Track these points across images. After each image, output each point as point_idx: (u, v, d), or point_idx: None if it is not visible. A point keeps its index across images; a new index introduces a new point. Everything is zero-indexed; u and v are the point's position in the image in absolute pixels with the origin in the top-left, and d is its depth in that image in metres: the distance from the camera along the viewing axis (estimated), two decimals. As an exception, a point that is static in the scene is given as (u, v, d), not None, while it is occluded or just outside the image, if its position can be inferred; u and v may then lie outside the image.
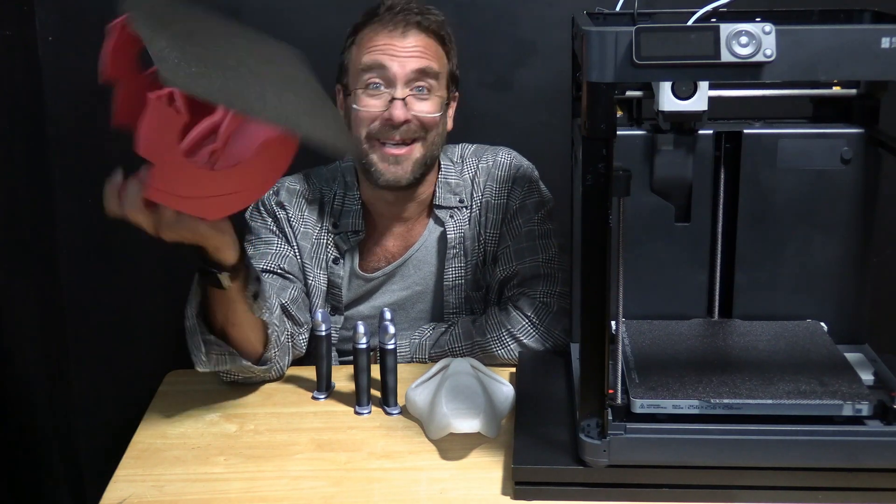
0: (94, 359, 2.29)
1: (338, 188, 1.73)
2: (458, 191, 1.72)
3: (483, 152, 1.75)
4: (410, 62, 1.58)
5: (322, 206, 1.72)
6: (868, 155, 1.37)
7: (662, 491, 1.18)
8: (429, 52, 1.61)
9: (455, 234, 1.70)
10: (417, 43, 1.60)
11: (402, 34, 1.59)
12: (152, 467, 1.31)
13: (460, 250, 1.71)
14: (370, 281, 1.72)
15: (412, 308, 1.74)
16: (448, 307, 1.72)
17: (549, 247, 1.67)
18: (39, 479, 2.11)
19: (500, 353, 1.57)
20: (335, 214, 1.71)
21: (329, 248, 1.71)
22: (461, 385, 1.36)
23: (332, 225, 1.71)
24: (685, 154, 1.39)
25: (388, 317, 1.44)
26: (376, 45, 1.59)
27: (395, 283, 1.74)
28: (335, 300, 1.72)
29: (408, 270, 1.73)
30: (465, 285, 1.71)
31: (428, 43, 1.61)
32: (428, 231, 1.73)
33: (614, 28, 1.04)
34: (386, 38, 1.59)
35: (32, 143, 2.11)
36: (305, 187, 1.73)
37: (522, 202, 1.70)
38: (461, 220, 1.71)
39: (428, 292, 1.74)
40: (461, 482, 1.25)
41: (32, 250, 2.11)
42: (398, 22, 1.59)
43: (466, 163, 1.74)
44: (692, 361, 1.29)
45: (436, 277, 1.73)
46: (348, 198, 1.72)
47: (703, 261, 1.43)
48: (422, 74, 1.59)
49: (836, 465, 1.16)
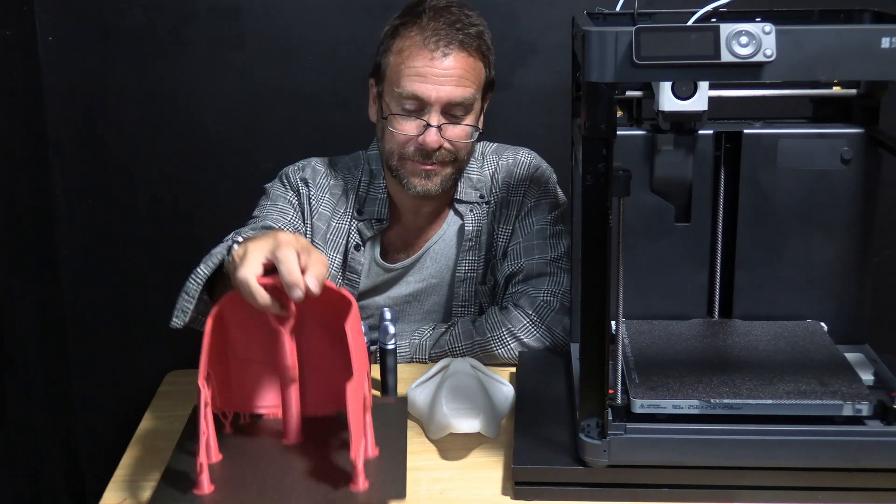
0: (94, 359, 2.29)
1: (363, 176, 1.73)
2: (478, 186, 1.73)
3: (504, 150, 1.77)
4: (447, 90, 1.57)
5: (346, 190, 1.73)
6: (868, 155, 1.37)
7: (662, 491, 1.18)
8: (467, 77, 1.59)
9: (473, 226, 1.72)
10: (457, 65, 1.57)
11: (443, 55, 1.56)
12: (152, 467, 1.31)
13: (476, 243, 1.72)
14: (389, 272, 1.73)
15: (427, 300, 1.75)
16: (458, 299, 1.73)
17: (558, 246, 1.67)
18: (39, 479, 2.11)
19: (500, 352, 1.57)
20: (360, 201, 1.72)
21: (352, 234, 1.71)
22: (461, 385, 1.36)
23: (357, 211, 1.71)
24: (685, 154, 1.39)
25: (388, 317, 1.44)
26: (415, 67, 1.57)
27: (413, 274, 1.75)
28: (351, 287, 1.73)
29: (425, 262, 1.74)
30: (476, 278, 1.73)
31: (467, 64, 1.59)
32: (447, 224, 1.74)
33: (614, 28, 1.04)
34: (426, 60, 1.56)
35: (32, 143, 2.11)
36: (330, 170, 1.75)
37: (538, 201, 1.71)
38: (480, 214, 1.72)
39: (443, 285, 1.75)
40: (461, 482, 1.25)
41: (32, 250, 2.11)
42: (440, 39, 1.56)
43: (487, 160, 1.75)
44: (692, 361, 1.29)
45: (451, 270, 1.74)
46: (374, 186, 1.72)
47: (703, 261, 1.43)
48: (457, 104, 1.59)
49: (836, 465, 1.16)
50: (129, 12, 2.10)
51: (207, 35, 2.12)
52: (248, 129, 2.18)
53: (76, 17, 2.10)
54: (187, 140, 2.18)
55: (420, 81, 1.57)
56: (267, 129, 2.17)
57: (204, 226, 2.21)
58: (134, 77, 2.14)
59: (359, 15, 2.11)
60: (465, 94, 1.59)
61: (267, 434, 1.26)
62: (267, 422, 1.29)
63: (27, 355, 2.06)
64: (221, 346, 1.22)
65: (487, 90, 1.68)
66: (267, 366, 1.27)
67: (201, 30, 2.11)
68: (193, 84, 2.14)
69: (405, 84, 1.58)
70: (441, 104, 1.58)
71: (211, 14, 2.10)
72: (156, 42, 2.12)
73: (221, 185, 2.20)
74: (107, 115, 2.17)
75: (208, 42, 2.12)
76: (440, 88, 1.57)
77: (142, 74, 2.13)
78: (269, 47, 2.12)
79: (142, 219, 2.23)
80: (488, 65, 1.65)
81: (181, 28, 2.11)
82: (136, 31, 2.11)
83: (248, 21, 2.12)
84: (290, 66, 2.13)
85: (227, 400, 1.27)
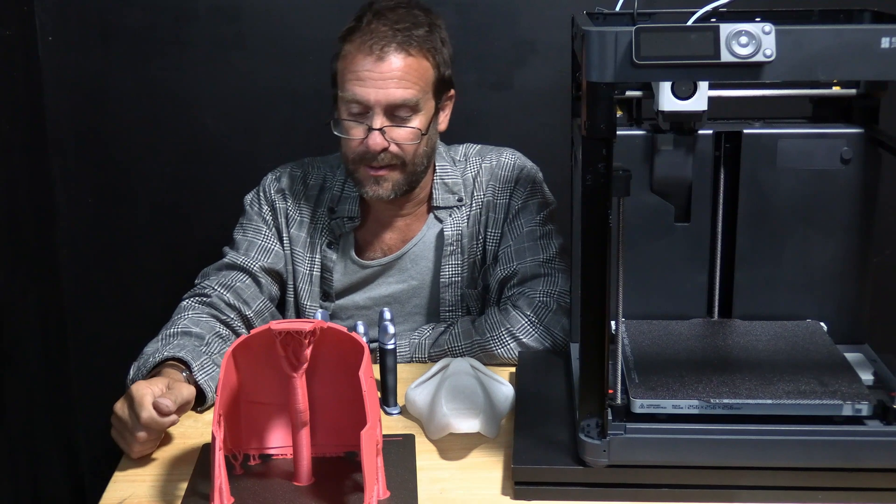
0: (94, 358, 2.29)
1: (340, 174, 1.75)
2: (455, 189, 1.72)
3: (487, 152, 1.76)
4: (387, 92, 1.56)
5: (322, 190, 1.75)
6: (868, 155, 1.37)
7: (662, 491, 1.18)
8: (409, 77, 1.57)
9: (452, 231, 1.71)
10: (397, 67, 1.56)
11: (379, 58, 1.56)
12: (152, 467, 1.31)
13: (457, 248, 1.71)
14: (365, 269, 1.74)
15: (408, 302, 1.75)
16: (445, 304, 1.72)
17: (550, 247, 1.67)
18: (39, 479, 2.11)
19: (499, 352, 1.57)
20: (334, 200, 1.74)
21: (324, 232, 1.73)
22: (461, 385, 1.35)
23: (329, 210, 1.73)
24: (685, 154, 1.39)
25: (388, 317, 1.44)
26: (355, 71, 1.57)
27: (392, 275, 1.74)
28: (326, 285, 1.74)
29: (405, 264, 1.74)
30: (461, 283, 1.72)
31: (408, 64, 1.57)
32: (427, 227, 1.74)
33: (614, 28, 1.04)
34: (364, 62, 1.56)
35: (32, 143, 2.11)
36: (308, 173, 1.77)
37: (525, 202, 1.70)
38: (459, 218, 1.72)
39: (424, 287, 1.74)
40: (461, 482, 1.25)
41: (32, 250, 2.11)
42: (375, 45, 1.55)
43: (469, 161, 1.75)
44: (692, 361, 1.29)
45: (433, 273, 1.74)
46: (348, 184, 1.73)
47: (703, 261, 1.43)
48: (399, 105, 1.58)
49: (836, 465, 1.16)
50: (129, 12, 2.10)
51: (207, 35, 2.12)
52: (248, 129, 2.18)
53: (76, 17, 2.10)
54: (187, 140, 2.18)
55: (360, 85, 1.57)
56: (267, 129, 2.17)
57: (204, 226, 2.21)
58: (134, 77, 2.14)
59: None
60: (406, 95, 1.57)
61: (277, 475, 1.26)
62: (277, 462, 1.29)
63: (27, 355, 2.06)
64: (233, 388, 1.23)
65: (441, 89, 1.65)
66: (277, 406, 1.28)
67: (201, 30, 2.11)
68: (193, 84, 2.14)
69: (348, 88, 1.58)
70: (381, 106, 1.57)
71: (211, 14, 2.10)
72: (156, 42, 2.12)
73: (221, 185, 2.19)
74: (107, 115, 2.17)
75: (208, 42, 2.12)
76: (379, 92, 1.56)
77: (142, 74, 2.13)
78: (269, 47, 2.12)
79: (142, 219, 2.23)
80: (438, 64, 1.62)
81: (181, 28, 2.11)
82: (136, 31, 2.11)
83: (248, 21, 2.11)
84: (290, 66, 2.13)
85: (237, 441, 1.27)
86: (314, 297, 1.75)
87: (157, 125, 2.17)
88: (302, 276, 1.74)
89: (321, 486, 1.23)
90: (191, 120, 2.16)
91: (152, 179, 2.21)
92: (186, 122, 2.17)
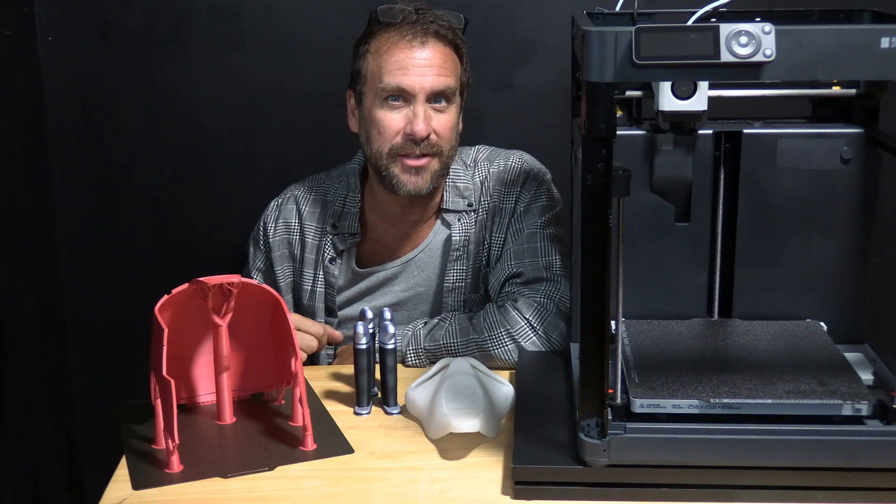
0: (94, 359, 2.29)
1: (341, 189, 1.76)
2: (466, 194, 1.72)
3: (496, 156, 1.76)
4: (430, 79, 1.59)
5: (325, 206, 1.75)
6: (868, 155, 1.37)
7: (662, 491, 1.18)
8: (447, 66, 1.62)
9: (460, 236, 1.71)
10: (436, 54, 1.60)
11: (422, 44, 1.60)
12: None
13: (463, 253, 1.71)
14: (367, 277, 1.73)
15: (414, 309, 1.75)
16: (447, 309, 1.72)
17: (551, 250, 1.66)
18: (39, 479, 2.11)
19: (497, 352, 1.57)
20: (335, 216, 1.74)
21: (327, 248, 1.73)
22: (461, 385, 1.36)
23: (332, 226, 1.73)
24: (685, 154, 1.39)
25: (388, 316, 1.44)
26: (396, 59, 1.59)
27: (399, 283, 1.74)
28: (329, 300, 1.74)
29: (412, 271, 1.74)
30: (465, 288, 1.72)
31: (446, 54, 1.62)
32: (434, 233, 1.74)
33: (614, 28, 1.04)
34: (405, 50, 1.59)
35: (32, 143, 2.11)
36: (311, 193, 1.78)
37: (528, 205, 1.70)
38: (468, 223, 1.72)
39: (430, 294, 1.74)
40: (461, 482, 1.25)
41: (32, 250, 2.12)
42: (417, 31, 1.59)
43: (479, 166, 1.75)
44: (692, 361, 1.30)
45: (438, 279, 1.73)
46: (349, 199, 1.73)
47: (703, 261, 1.43)
48: (440, 92, 1.61)
49: (836, 465, 1.16)
50: (129, 12, 2.10)
51: (207, 35, 2.12)
52: (248, 129, 2.18)
53: (76, 17, 2.10)
54: (187, 140, 2.18)
55: (402, 74, 1.59)
56: (267, 129, 2.17)
57: (204, 226, 2.21)
58: (134, 77, 2.14)
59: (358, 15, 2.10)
60: (448, 82, 1.61)
61: (204, 417, 1.42)
62: (201, 408, 1.45)
63: (27, 355, 2.06)
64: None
65: (462, 89, 1.68)
66: (197, 360, 1.44)
67: (201, 30, 2.11)
68: (193, 84, 2.14)
69: (388, 79, 1.59)
70: (425, 93, 1.59)
71: (211, 14, 2.10)
72: (156, 42, 2.12)
73: (221, 185, 2.20)
74: (107, 115, 2.17)
75: (208, 42, 2.12)
76: (424, 79, 1.59)
77: (142, 74, 2.13)
78: (269, 47, 2.12)
79: (142, 218, 2.23)
80: (464, 63, 1.67)
81: (181, 28, 2.11)
82: (136, 31, 2.11)
83: (248, 21, 2.12)
84: (290, 66, 2.13)
85: None
86: (320, 313, 1.75)
87: (157, 125, 2.17)
88: (309, 294, 1.76)
89: (242, 424, 1.40)
90: (190, 120, 2.17)
91: (152, 179, 2.21)
92: (186, 121, 2.17)
